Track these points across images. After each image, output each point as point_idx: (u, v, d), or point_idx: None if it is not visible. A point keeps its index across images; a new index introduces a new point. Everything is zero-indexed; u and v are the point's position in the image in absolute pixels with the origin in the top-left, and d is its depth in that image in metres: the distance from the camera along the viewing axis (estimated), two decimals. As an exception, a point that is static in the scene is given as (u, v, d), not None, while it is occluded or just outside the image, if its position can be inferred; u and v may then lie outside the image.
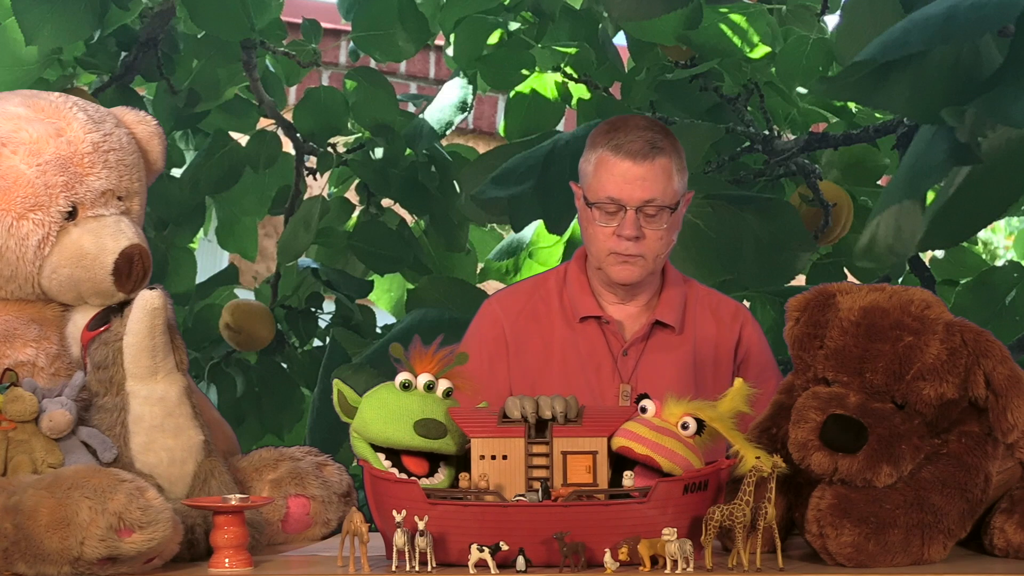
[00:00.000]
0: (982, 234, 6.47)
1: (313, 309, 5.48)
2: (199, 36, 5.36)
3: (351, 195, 5.54)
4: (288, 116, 5.50)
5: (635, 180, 3.13)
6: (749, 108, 5.25)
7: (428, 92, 6.10)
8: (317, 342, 5.51)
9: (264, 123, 5.52)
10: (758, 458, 2.51)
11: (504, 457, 2.61)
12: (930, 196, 4.79)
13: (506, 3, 5.35)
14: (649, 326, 3.25)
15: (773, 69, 5.21)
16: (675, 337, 3.25)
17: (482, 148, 5.85)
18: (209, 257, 6.28)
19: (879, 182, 5.35)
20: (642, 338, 3.24)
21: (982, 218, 4.80)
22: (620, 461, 2.61)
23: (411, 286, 5.46)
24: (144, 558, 2.54)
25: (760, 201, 5.04)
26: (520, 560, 2.47)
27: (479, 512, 2.54)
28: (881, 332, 2.62)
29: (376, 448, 2.66)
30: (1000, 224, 7.37)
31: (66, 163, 2.91)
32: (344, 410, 2.71)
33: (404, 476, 2.63)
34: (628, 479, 2.58)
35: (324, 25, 5.55)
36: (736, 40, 5.20)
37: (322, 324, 5.48)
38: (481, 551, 2.47)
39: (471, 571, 2.48)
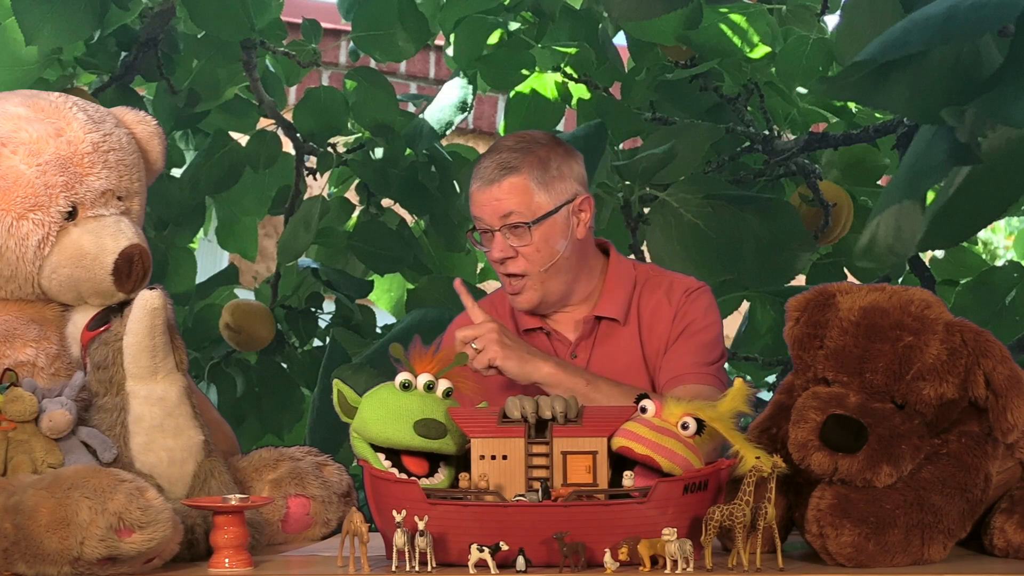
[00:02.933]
0: (982, 234, 6.48)
1: (313, 309, 5.48)
2: (199, 36, 5.36)
3: (351, 195, 5.54)
4: (288, 116, 5.50)
5: (488, 202, 3.21)
6: (749, 108, 5.26)
7: (428, 92, 6.10)
8: (317, 342, 5.51)
9: (264, 123, 5.52)
10: (758, 458, 2.51)
11: (504, 457, 2.61)
12: (930, 196, 4.79)
13: (506, 3, 5.35)
14: (591, 323, 3.28)
15: (773, 69, 5.21)
16: (620, 328, 3.28)
17: (482, 148, 5.84)
18: (209, 257, 6.29)
19: (879, 182, 5.35)
20: (586, 335, 3.28)
21: (982, 218, 4.80)
22: (620, 461, 2.61)
23: (411, 286, 5.46)
24: (144, 558, 2.54)
25: (760, 201, 5.04)
26: (520, 560, 2.47)
27: (479, 512, 2.54)
28: (881, 332, 2.62)
29: (376, 448, 2.67)
30: (1000, 224, 7.38)
31: (66, 163, 2.91)
32: (344, 410, 2.71)
33: (404, 476, 2.63)
34: (628, 479, 2.58)
35: (324, 25, 5.55)
36: (736, 40, 5.21)
37: (322, 324, 5.49)
38: (481, 551, 2.47)
39: (471, 571, 2.48)
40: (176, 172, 5.47)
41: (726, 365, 3.35)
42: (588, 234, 3.28)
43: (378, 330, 5.47)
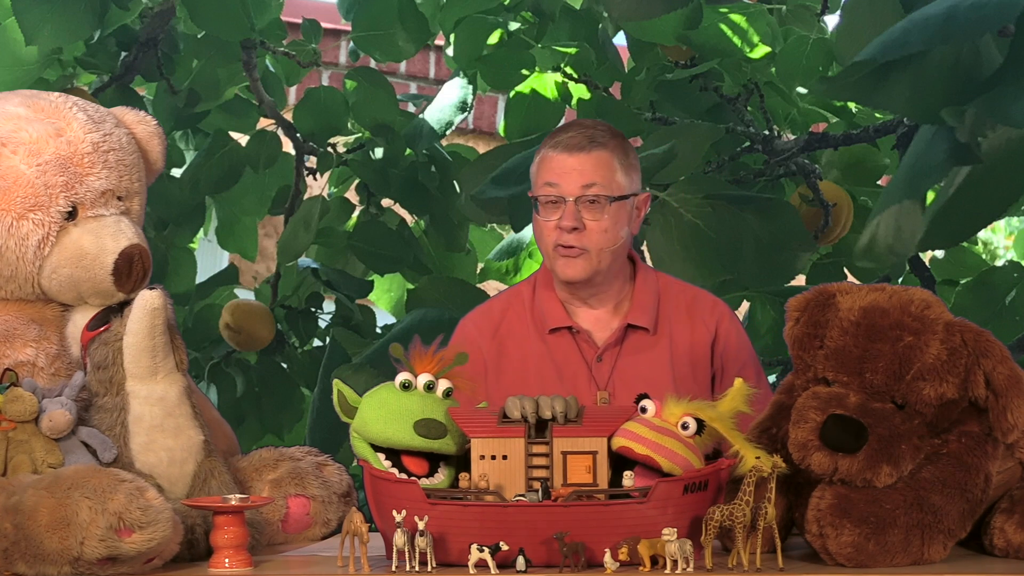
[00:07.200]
0: (982, 234, 6.47)
1: (313, 309, 5.48)
2: (199, 36, 5.36)
3: (351, 195, 5.54)
4: (288, 116, 5.50)
5: (572, 170, 3.17)
6: (749, 108, 5.25)
7: (428, 92, 6.09)
8: (317, 342, 5.51)
9: (264, 123, 5.52)
10: (758, 458, 2.51)
11: (504, 457, 2.61)
12: (930, 196, 4.78)
13: (506, 3, 5.35)
14: (621, 331, 3.24)
15: (773, 69, 5.21)
16: (649, 338, 3.24)
17: (482, 148, 5.85)
18: (209, 257, 6.28)
19: (879, 182, 5.35)
20: (615, 343, 3.24)
21: (982, 218, 4.80)
22: (620, 461, 2.61)
23: (411, 286, 5.46)
24: (144, 558, 2.54)
25: (760, 201, 5.04)
26: (520, 560, 2.47)
27: (479, 512, 2.54)
28: (881, 332, 2.62)
29: (376, 448, 2.67)
30: (1000, 224, 7.37)
31: (66, 163, 2.91)
32: (344, 410, 2.71)
33: (404, 476, 2.63)
34: (628, 479, 2.58)
35: (324, 25, 5.54)
36: (736, 40, 5.20)
37: (322, 324, 5.48)
38: (481, 551, 2.47)
39: (471, 571, 2.48)
40: (176, 172, 5.47)
41: None
42: (636, 232, 3.27)
43: (378, 330, 5.47)
